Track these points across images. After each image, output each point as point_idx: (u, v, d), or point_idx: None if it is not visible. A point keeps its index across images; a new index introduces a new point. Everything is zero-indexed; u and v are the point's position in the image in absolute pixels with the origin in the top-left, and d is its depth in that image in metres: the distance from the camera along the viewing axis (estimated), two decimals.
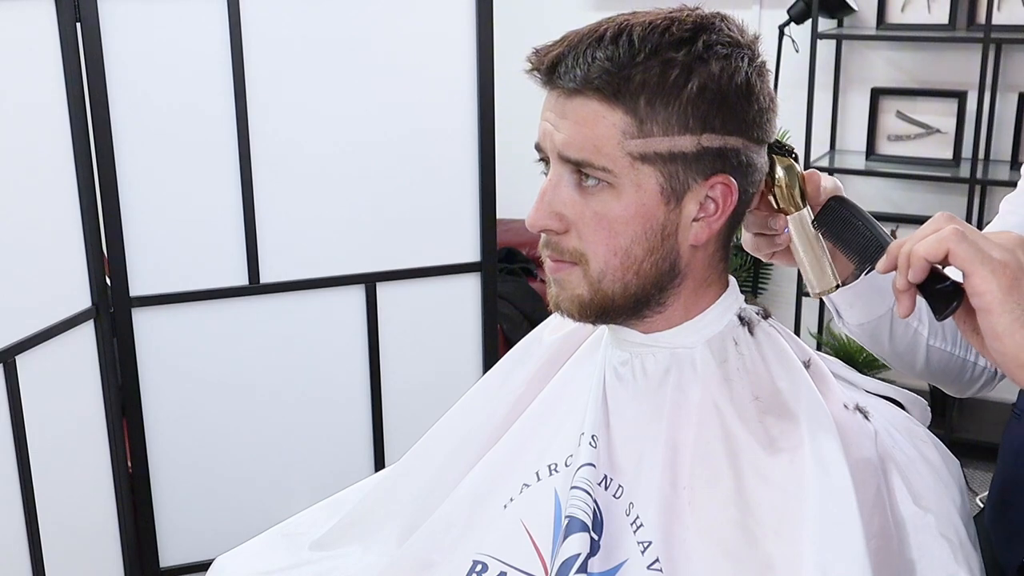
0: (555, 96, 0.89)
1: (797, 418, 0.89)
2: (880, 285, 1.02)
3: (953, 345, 1.11)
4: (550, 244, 0.92)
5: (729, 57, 0.86)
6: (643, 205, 0.87)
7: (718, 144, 0.87)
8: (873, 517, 0.87)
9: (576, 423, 0.97)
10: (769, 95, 0.90)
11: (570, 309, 0.93)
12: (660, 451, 0.91)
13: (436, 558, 1.01)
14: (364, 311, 2.10)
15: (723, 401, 0.91)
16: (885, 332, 1.08)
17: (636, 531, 0.90)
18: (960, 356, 1.12)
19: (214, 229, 1.98)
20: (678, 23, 0.86)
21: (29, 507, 1.76)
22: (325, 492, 1.24)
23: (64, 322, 1.83)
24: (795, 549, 0.83)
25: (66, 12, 1.78)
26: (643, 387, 0.95)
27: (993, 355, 0.80)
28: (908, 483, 0.91)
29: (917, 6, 2.98)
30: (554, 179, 0.90)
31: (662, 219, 0.88)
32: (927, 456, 0.96)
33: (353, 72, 2.00)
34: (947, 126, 2.97)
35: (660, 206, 0.88)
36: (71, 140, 1.82)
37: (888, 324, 1.07)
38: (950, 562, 0.89)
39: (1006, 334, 0.77)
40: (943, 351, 1.11)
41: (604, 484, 0.92)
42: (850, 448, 0.88)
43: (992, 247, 0.79)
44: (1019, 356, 0.77)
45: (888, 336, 1.08)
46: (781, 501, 0.86)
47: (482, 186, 2.10)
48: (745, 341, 0.95)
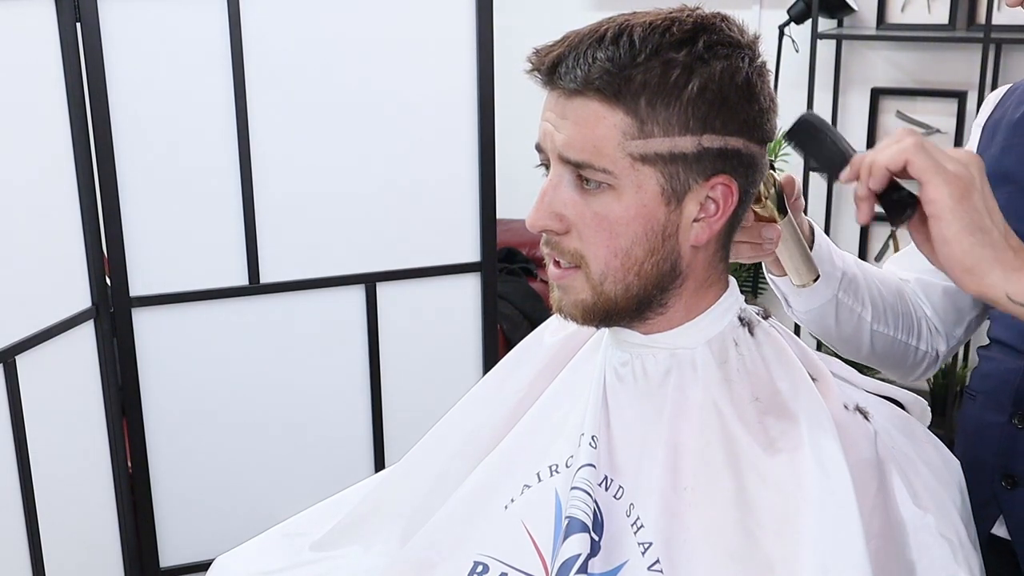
0: (555, 96, 0.88)
1: (797, 419, 0.89)
2: (824, 272, 1.11)
3: (896, 330, 1.19)
4: (550, 243, 0.92)
5: (730, 57, 0.86)
6: (644, 206, 0.87)
7: (719, 145, 0.87)
8: (873, 518, 0.87)
9: (576, 424, 0.97)
10: (769, 95, 0.90)
11: (573, 313, 0.93)
12: (660, 452, 0.91)
13: (437, 559, 1.01)
14: (364, 311, 2.10)
15: (723, 402, 0.91)
16: (831, 318, 1.16)
17: (636, 532, 0.90)
18: (903, 340, 1.20)
19: (214, 229, 1.98)
20: (679, 23, 0.86)
21: (29, 507, 1.76)
22: (325, 492, 1.24)
23: (64, 322, 1.83)
24: (795, 550, 0.83)
25: (66, 12, 1.78)
26: (643, 388, 0.95)
27: (941, 261, 0.85)
28: (908, 483, 0.91)
29: (917, 6, 2.98)
30: (554, 180, 0.89)
31: (663, 220, 0.88)
32: (927, 456, 0.96)
33: (353, 72, 2.00)
34: (947, 126, 2.97)
35: (661, 207, 0.87)
36: (71, 140, 1.82)
37: (833, 310, 1.15)
38: (950, 562, 0.89)
39: (954, 240, 0.83)
40: (886, 335, 1.18)
41: (604, 485, 0.92)
42: (850, 449, 0.88)
43: (948, 160, 0.84)
44: (964, 261, 0.83)
45: (834, 321, 1.16)
46: (781, 502, 0.86)
47: (482, 186, 2.10)
48: (745, 342, 0.95)
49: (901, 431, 0.96)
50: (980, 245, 0.82)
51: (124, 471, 2.00)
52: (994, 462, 1.13)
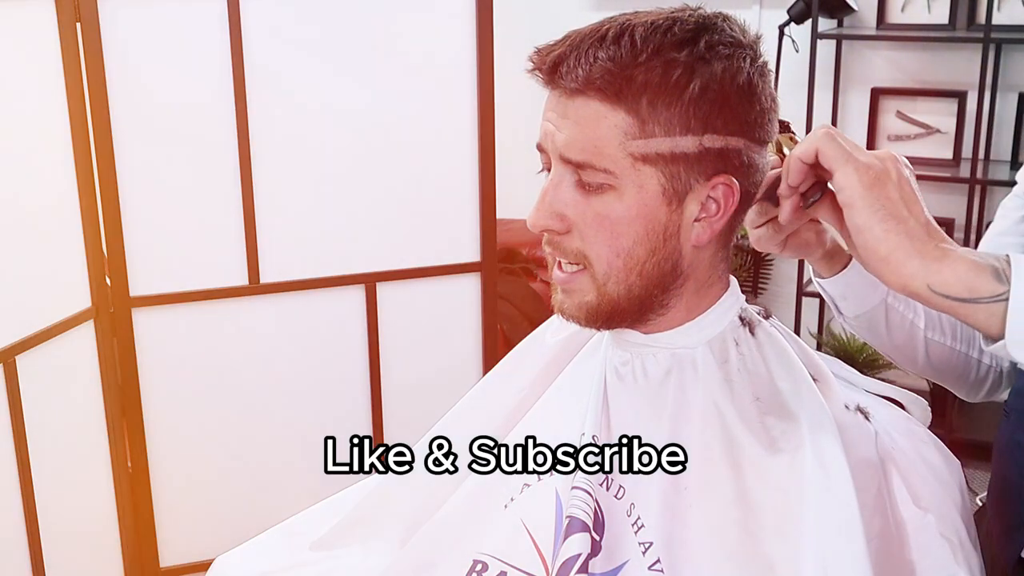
0: (556, 96, 0.88)
1: (798, 419, 0.89)
2: (872, 276, 1.04)
3: (953, 339, 1.11)
4: (552, 243, 0.92)
5: (731, 57, 0.86)
6: (645, 206, 0.87)
7: (720, 144, 0.86)
8: (874, 518, 0.87)
9: (577, 424, 0.97)
10: (771, 96, 0.90)
11: (577, 316, 0.93)
12: None
13: (437, 558, 1.01)
14: (364, 311, 2.10)
15: (724, 402, 0.91)
16: (881, 323, 1.09)
17: (637, 532, 0.90)
18: (962, 351, 1.12)
19: (214, 229, 1.98)
20: (680, 23, 0.86)
21: (29, 507, 1.76)
22: (325, 492, 1.24)
23: (64, 322, 1.83)
24: (796, 550, 0.83)
25: (66, 12, 1.78)
26: (644, 388, 0.95)
27: (859, 252, 0.84)
28: (908, 484, 0.91)
29: (917, 6, 2.98)
30: (555, 179, 0.89)
31: (664, 220, 0.88)
32: (927, 457, 0.96)
33: (353, 72, 2.00)
34: (947, 126, 2.97)
35: (662, 207, 0.87)
36: (71, 140, 1.82)
37: (883, 315, 1.08)
38: (950, 563, 0.89)
39: (866, 227, 0.82)
40: (942, 344, 1.11)
41: (605, 485, 0.92)
42: (851, 449, 0.88)
43: (860, 151, 0.84)
44: (879, 249, 0.82)
45: (885, 327, 1.09)
46: (782, 502, 0.86)
47: (482, 186, 2.10)
48: (746, 341, 0.95)
49: (902, 431, 0.96)
50: (895, 233, 0.81)
51: (124, 471, 2.00)
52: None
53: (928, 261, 0.80)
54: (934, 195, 3.10)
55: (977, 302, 0.80)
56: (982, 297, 0.80)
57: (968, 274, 0.80)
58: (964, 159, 2.95)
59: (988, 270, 0.80)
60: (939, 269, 0.80)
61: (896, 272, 0.81)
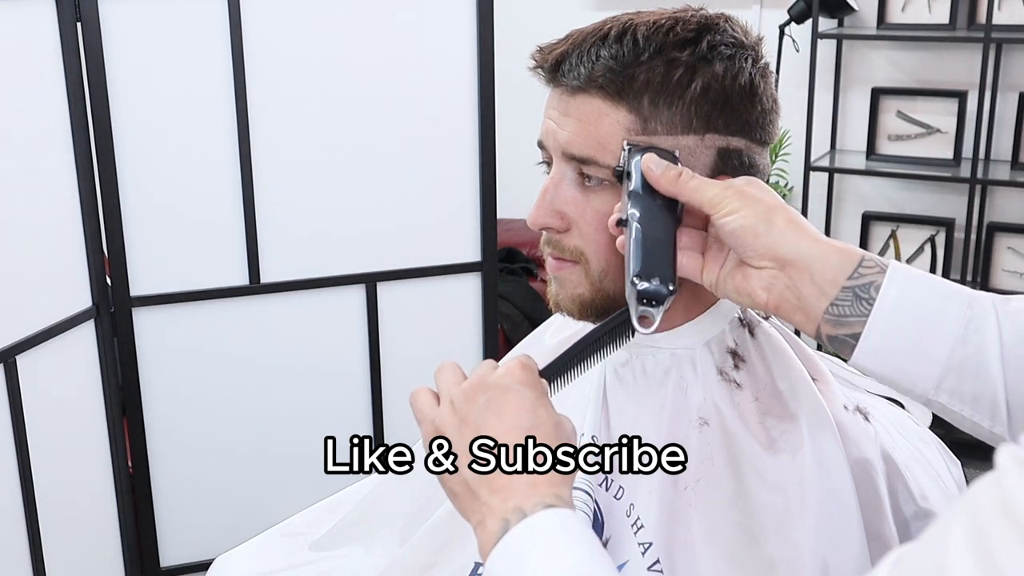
0: (558, 94, 0.88)
1: (797, 419, 0.89)
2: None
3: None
4: (551, 242, 0.92)
5: (733, 58, 0.86)
6: None
7: (721, 144, 0.86)
8: (874, 518, 0.87)
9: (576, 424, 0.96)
10: (772, 97, 0.90)
11: (570, 308, 0.93)
12: None
13: (437, 559, 1.01)
14: (364, 311, 2.10)
15: (723, 402, 0.91)
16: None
17: (637, 532, 0.89)
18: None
19: (214, 229, 1.98)
20: (682, 23, 0.86)
21: (29, 507, 1.76)
22: (325, 492, 1.24)
23: (64, 322, 1.83)
24: (796, 550, 0.83)
25: (66, 12, 1.78)
26: (643, 388, 0.95)
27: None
28: (908, 484, 0.91)
29: (917, 6, 2.98)
30: (556, 177, 0.89)
31: None
32: (927, 457, 0.96)
33: (353, 72, 2.00)
34: (947, 126, 2.97)
35: None
36: (71, 140, 1.82)
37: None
38: None
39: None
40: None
41: (605, 485, 0.92)
42: (850, 449, 0.88)
43: None
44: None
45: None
46: (782, 502, 0.86)
47: (482, 186, 2.10)
48: (745, 342, 0.95)
49: (902, 431, 0.96)
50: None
51: (124, 471, 2.00)
52: None
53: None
54: (934, 195, 3.10)
55: None
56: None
57: None
58: (964, 159, 2.95)
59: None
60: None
61: None
